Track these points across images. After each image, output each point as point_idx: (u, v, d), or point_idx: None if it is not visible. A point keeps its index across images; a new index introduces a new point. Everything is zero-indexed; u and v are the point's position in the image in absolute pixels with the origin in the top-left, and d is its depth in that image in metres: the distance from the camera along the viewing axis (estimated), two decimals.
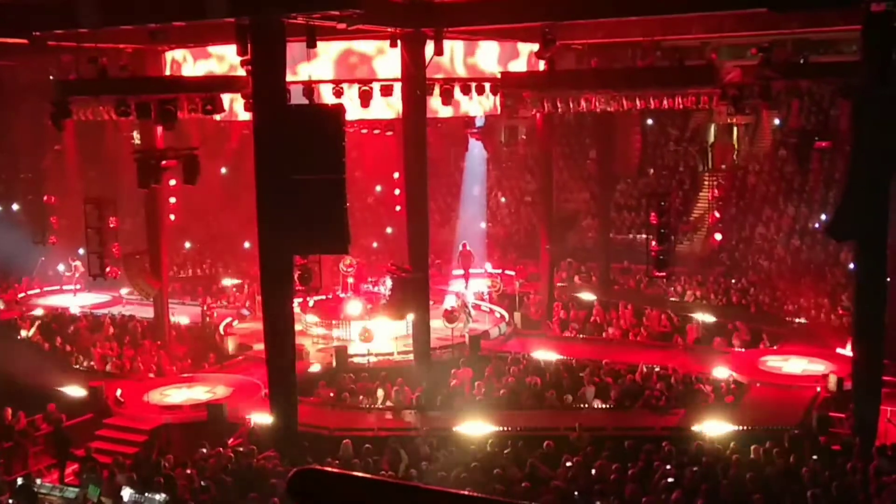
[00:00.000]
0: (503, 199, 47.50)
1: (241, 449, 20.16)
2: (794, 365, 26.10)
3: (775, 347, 28.19)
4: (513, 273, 36.95)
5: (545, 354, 27.33)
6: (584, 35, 27.78)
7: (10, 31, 23.76)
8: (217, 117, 26.21)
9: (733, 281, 35.78)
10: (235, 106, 26.79)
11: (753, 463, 18.30)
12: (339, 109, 20.61)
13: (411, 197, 26.10)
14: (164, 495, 17.19)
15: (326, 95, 24.96)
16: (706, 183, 43.49)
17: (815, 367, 25.65)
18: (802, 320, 31.05)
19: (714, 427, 20.97)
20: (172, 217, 36.08)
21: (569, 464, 18.47)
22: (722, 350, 28.21)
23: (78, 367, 28.12)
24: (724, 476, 17.58)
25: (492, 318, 31.73)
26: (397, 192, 36.11)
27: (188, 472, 18.72)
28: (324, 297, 30.58)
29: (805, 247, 38.32)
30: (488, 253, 39.29)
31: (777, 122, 42.70)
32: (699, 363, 26.45)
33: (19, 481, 18.67)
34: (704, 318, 30.63)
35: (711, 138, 45.09)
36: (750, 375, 25.26)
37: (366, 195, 46.29)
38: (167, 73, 28.20)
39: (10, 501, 17.84)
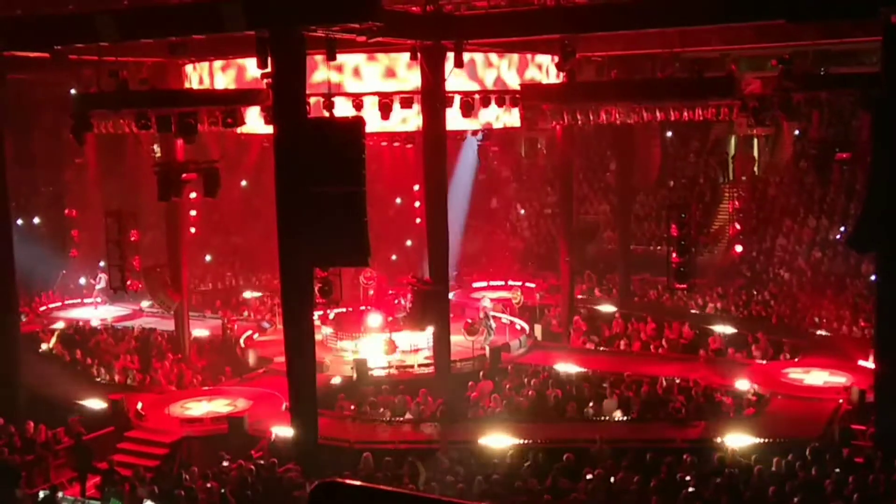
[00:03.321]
0: (522, 212, 47.43)
1: (262, 462, 20.16)
2: (816, 377, 25.95)
3: (797, 359, 28.03)
4: (533, 285, 36.90)
5: (566, 366, 27.23)
6: (603, 47, 27.77)
7: (32, 45, 23.95)
8: (239, 130, 26.25)
9: (754, 293, 35.65)
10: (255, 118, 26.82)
11: (775, 475, 18.20)
12: (359, 122, 20.67)
13: (431, 209, 26.12)
14: None
15: (346, 108, 24.97)
16: (726, 194, 43.51)
17: (837, 379, 25.50)
18: (824, 332, 30.89)
19: (735, 439, 20.86)
20: (193, 230, 36.21)
21: (589, 476, 18.40)
22: (743, 362, 28.11)
23: (99, 379, 28.17)
24: (746, 488, 17.49)
25: (512, 331, 31.64)
26: (417, 204, 36.06)
27: (209, 485, 18.73)
28: (344, 309, 30.58)
29: (826, 258, 38.16)
30: (508, 265, 39.11)
31: (797, 133, 42.62)
32: (720, 375, 26.34)
33: (41, 494, 18.72)
34: (725, 330, 30.52)
35: (732, 150, 45.19)
36: (771, 387, 25.11)
37: (386, 208, 46.29)
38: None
39: None
